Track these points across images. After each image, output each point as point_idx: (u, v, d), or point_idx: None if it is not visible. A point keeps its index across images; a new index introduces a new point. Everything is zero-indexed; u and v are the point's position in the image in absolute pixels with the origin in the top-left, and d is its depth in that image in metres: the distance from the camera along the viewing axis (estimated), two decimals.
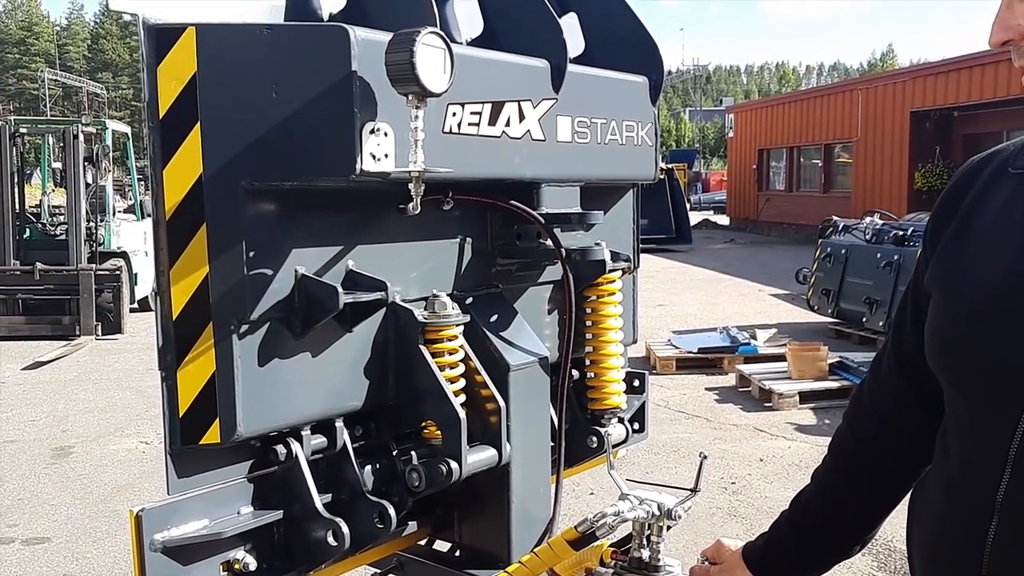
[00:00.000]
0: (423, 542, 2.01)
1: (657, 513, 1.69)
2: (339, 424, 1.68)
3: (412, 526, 1.81)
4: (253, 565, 1.55)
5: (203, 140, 1.45)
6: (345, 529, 1.52)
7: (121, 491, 5.62)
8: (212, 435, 1.49)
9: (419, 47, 1.40)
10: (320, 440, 1.66)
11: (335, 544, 1.53)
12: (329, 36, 1.45)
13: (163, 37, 1.44)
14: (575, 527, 1.69)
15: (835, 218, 11.35)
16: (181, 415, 1.49)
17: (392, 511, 1.56)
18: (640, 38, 2.12)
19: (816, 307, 10.94)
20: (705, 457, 1.69)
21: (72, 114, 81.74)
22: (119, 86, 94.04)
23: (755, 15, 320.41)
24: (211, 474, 1.54)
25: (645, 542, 1.72)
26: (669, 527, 1.72)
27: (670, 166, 24.01)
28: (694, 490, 1.69)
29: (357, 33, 1.44)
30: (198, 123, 1.45)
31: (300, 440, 1.61)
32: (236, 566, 1.53)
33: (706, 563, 1.65)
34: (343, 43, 1.43)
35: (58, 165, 16.76)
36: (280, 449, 1.60)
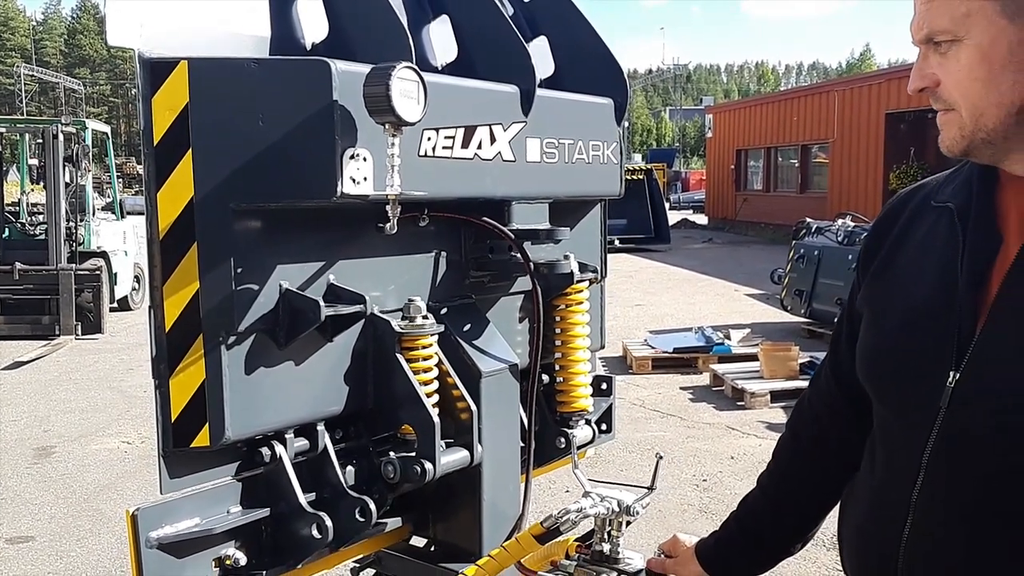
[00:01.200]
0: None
1: (617, 509, 1.81)
2: (320, 428, 1.79)
3: (393, 523, 1.92)
4: (243, 560, 1.66)
5: (194, 165, 1.56)
6: (328, 522, 1.64)
7: (104, 490, 5.69)
8: (202, 439, 1.60)
9: (395, 80, 1.52)
10: (303, 443, 1.77)
11: (319, 537, 1.65)
12: (312, 69, 1.56)
13: (157, 70, 1.55)
14: (541, 523, 1.81)
15: (808, 220, 11.55)
16: (173, 420, 1.60)
17: (373, 506, 1.68)
18: (606, 62, 2.24)
19: (789, 307, 11.13)
20: (661, 457, 1.82)
21: (49, 110, 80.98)
22: (96, 82, 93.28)
23: (736, 14, 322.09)
24: (201, 475, 1.65)
25: (606, 536, 1.85)
26: (628, 522, 1.85)
27: (649, 166, 24.21)
28: (651, 488, 1.82)
29: (338, 66, 1.56)
30: (190, 149, 1.56)
31: (284, 443, 1.73)
32: (227, 562, 1.65)
33: (663, 556, 1.79)
34: (325, 75, 1.55)
35: (34, 162, 16.71)
36: (265, 451, 1.71)
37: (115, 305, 12.09)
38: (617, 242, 21.20)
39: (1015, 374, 1.13)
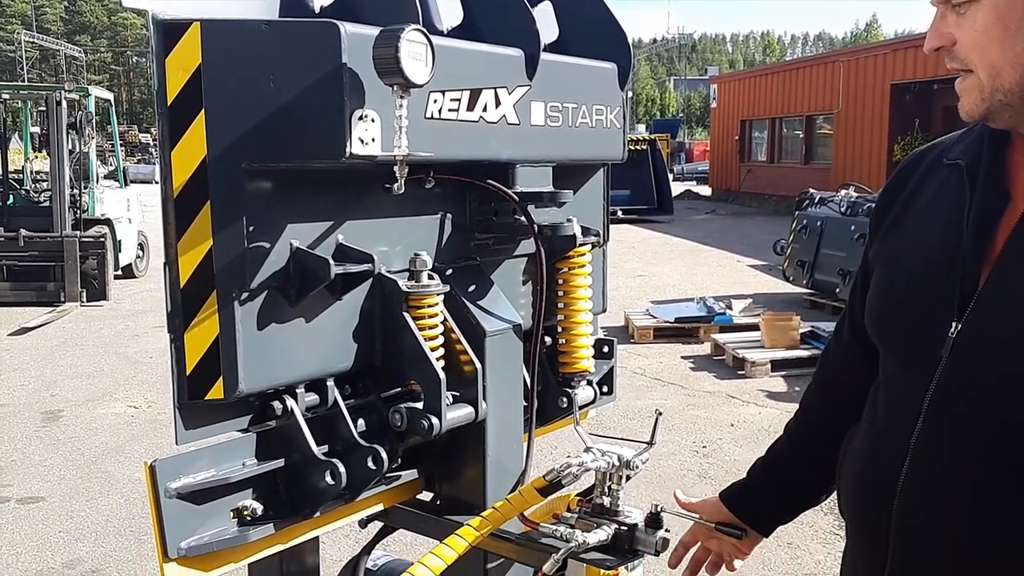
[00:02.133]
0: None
1: (617, 464, 1.87)
2: (330, 383, 1.84)
3: (408, 475, 1.98)
4: (260, 510, 1.72)
5: (207, 125, 1.59)
6: (342, 468, 1.69)
7: (112, 453, 5.78)
8: (216, 391, 1.65)
9: (403, 43, 1.55)
10: (313, 398, 1.82)
11: (333, 484, 1.70)
12: (322, 31, 1.59)
13: (171, 31, 1.58)
14: (543, 476, 1.87)
15: (811, 190, 11.56)
16: (188, 373, 1.65)
17: (384, 454, 1.74)
18: (610, 26, 2.27)
19: (792, 278, 11.18)
20: (660, 413, 1.87)
21: (50, 77, 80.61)
22: (97, 49, 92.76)
23: None
24: (215, 427, 1.71)
25: (607, 490, 1.91)
26: (628, 476, 1.91)
27: (653, 137, 24.13)
28: (650, 443, 1.88)
29: (347, 28, 1.59)
30: (202, 110, 1.59)
31: (295, 397, 1.78)
32: (245, 512, 1.71)
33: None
34: (334, 38, 1.58)
35: (36, 130, 16.70)
36: (277, 405, 1.77)
37: (119, 272, 12.16)
38: (620, 213, 21.19)
39: (1016, 326, 1.17)
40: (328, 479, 1.74)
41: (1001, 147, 1.29)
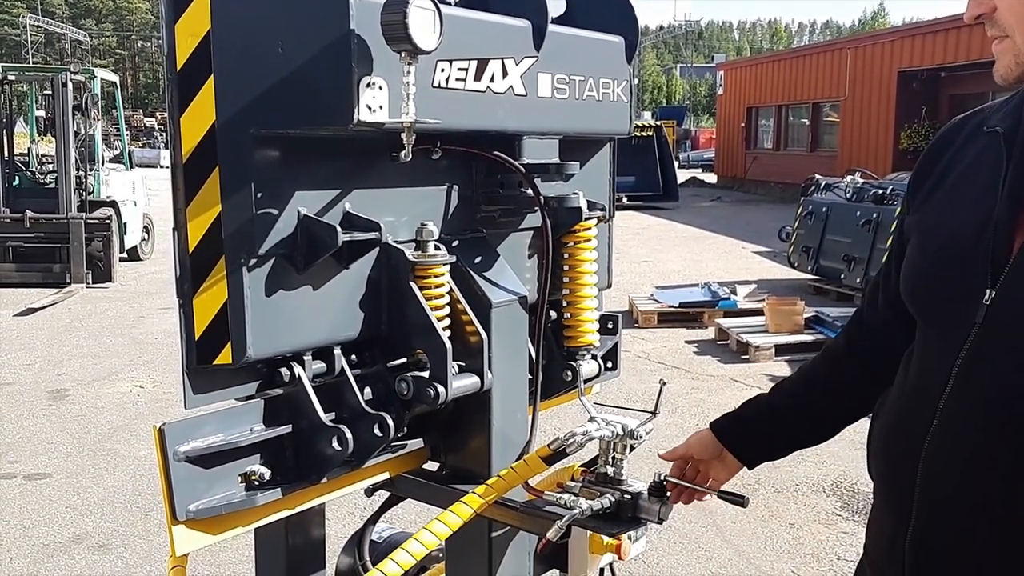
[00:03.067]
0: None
1: (621, 433, 1.89)
2: (337, 351, 1.86)
3: (414, 444, 2.00)
4: (268, 475, 1.74)
5: (216, 91, 1.60)
6: (349, 434, 1.71)
7: (118, 431, 5.82)
8: (224, 356, 1.67)
9: (411, 9, 1.56)
10: (320, 365, 1.84)
11: (340, 449, 1.72)
12: None
13: None
14: (548, 445, 1.89)
15: (817, 176, 11.53)
16: (197, 338, 1.66)
17: (390, 421, 1.75)
18: (617, 0, 2.27)
19: (796, 264, 11.18)
20: (664, 383, 1.89)
21: (55, 61, 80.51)
22: (103, 33, 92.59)
23: None
24: (223, 392, 1.73)
25: (611, 460, 1.93)
26: (632, 447, 1.93)
27: (659, 123, 24.06)
28: (654, 412, 1.90)
29: None
30: (212, 75, 1.60)
31: (303, 364, 1.79)
32: (252, 477, 1.72)
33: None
34: (343, 4, 1.58)
35: (41, 113, 16.71)
36: (285, 372, 1.78)
37: (124, 255, 12.19)
38: (625, 199, 21.16)
39: None
40: (335, 445, 1.75)
41: None
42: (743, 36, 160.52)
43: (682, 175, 29.22)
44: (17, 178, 12.02)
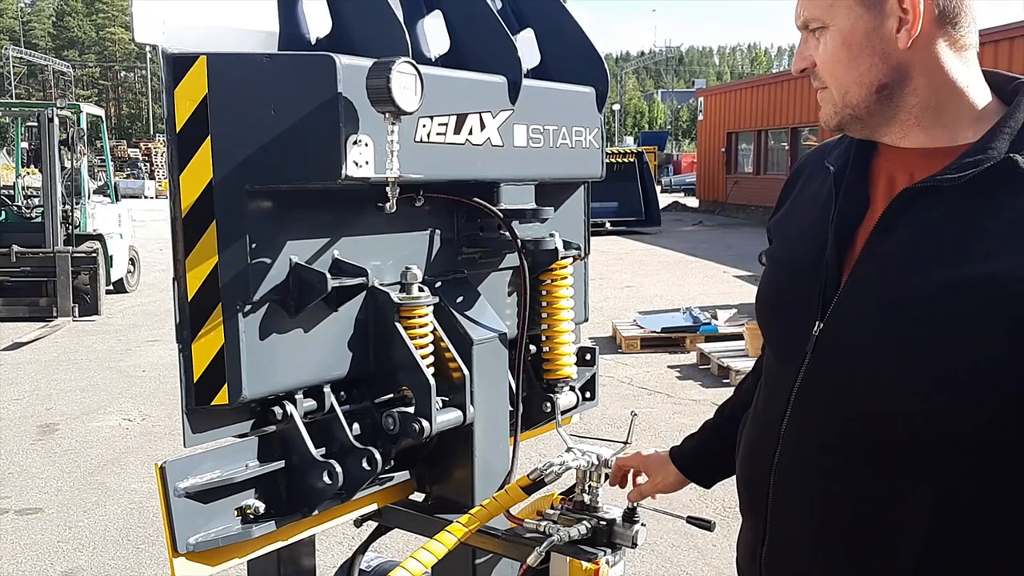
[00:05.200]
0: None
1: (596, 463, 2.01)
2: (327, 390, 1.97)
3: (400, 476, 2.11)
4: (262, 509, 1.84)
5: (213, 150, 1.73)
6: (338, 469, 1.82)
7: (107, 465, 5.87)
8: (221, 397, 1.78)
9: (395, 74, 1.69)
10: (311, 403, 1.95)
11: (330, 483, 1.83)
12: (319, 63, 1.73)
13: (179, 64, 1.71)
14: (527, 475, 2.00)
15: None
16: (195, 380, 1.77)
17: (378, 455, 1.87)
18: (588, 53, 2.41)
19: None
20: (635, 414, 2.01)
21: (37, 92, 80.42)
22: (85, 64, 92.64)
23: None
24: (220, 431, 1.83)
25: (587, 488, 2.04)
26: (607, 475, 2.05)
27: (640, 149, 24.33)
28: (626, 443, 2.02)
29: (342, 60, 1.73)
30: (209, 136, 1.72)
31: (294, 403, 1.90)
32: (248, 511, 1.83)
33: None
34: (330, 69, 1.71)
35: (25, 145, 16.77)
36: (277, 410, 1.89)
37: (111, 287, 12.22)
38: (608, 225, 21.37)
39: (865, 327, 1.29)
40: (326, 479, 1.86)
41: (867, 154, 1.41)
42: (723, 61, 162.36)
43: (664, 199, 29.50)
44: (3, 212, 12.05)
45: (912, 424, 1.27)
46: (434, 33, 2.26)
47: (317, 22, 2.00)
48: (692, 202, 33.05)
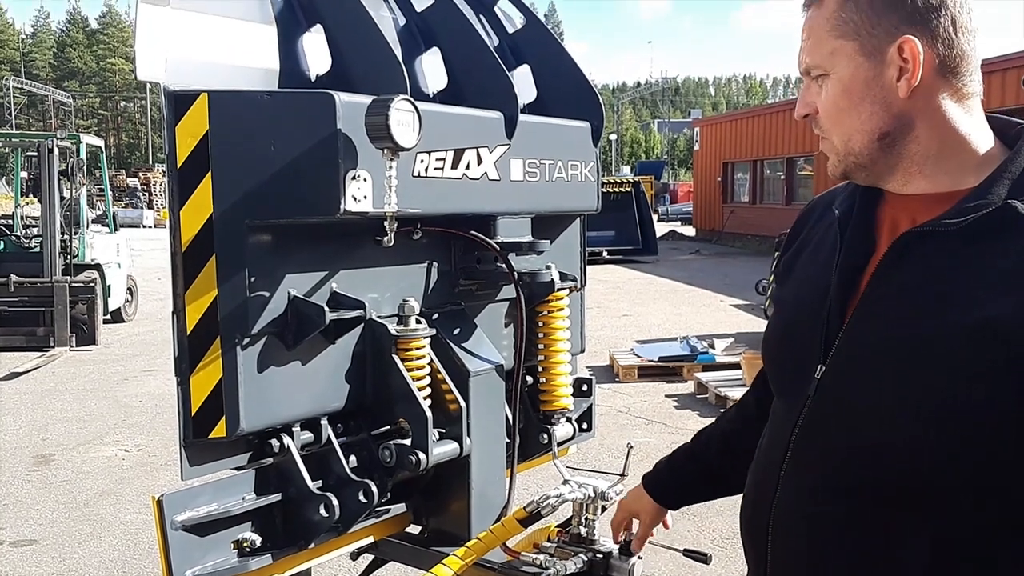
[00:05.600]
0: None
1: (592, 495, 2.01)
2: (324, 422, 1.98)
3: (396, 509, 2.11)
4: (259, 542, 1.84)
5: (213, 186, 1.75)
6: (335, 502, 1.82)
7: (103, 496, 5.84)
8: (219, 430, 1.79)
9: (393, 111, 1.72)
10: (308, 436, 1.96)
11: (327, 516, 1.83)
12: (318, 100, 1.76)
13: (181, 101, 1.74)
14: (523, 507, 2.01)
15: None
16: (193, 413, 1.78)
17: (375, 488, 1.87)
18: (583, 88, 2.45)
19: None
20: (631, 447, 2.02)
21: (37, 122, 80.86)
22: (86, 95, 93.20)
23: (726, 27, 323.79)
24: (217, 463, 1.84)
25: (583, 521, 2.05)
26: (604, 507, 2.05)
27: (636, 179, 24.45)
28: (622, 475, 2.02)
29: (341, 98, 1.76)
30: (209, 172, 1.75)
31: (292, 435, 1.91)
32: (244, 544, 1.83)
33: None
34: (330, 106, 1.75)
35: (24, 175, 16.84)
36: (275, 443, 1.90)
37: (108, 317, 12.21)
38: (606, 253, 21.43)
39: (870, 368, 1.30)
40: (322, 512, 1.87)
41: (873, 200, 1.42)
42: (719, 91, 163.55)
43: (661, 228, 29.60)
44: (2, 242, 12.07)
45: (911, 467, 1.27)
46: (432, 69, 2.30)
47: (317, 59, 2.04)
48: (689, 231, 33.15)
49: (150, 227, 35.19)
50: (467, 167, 2.06)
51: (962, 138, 1.32)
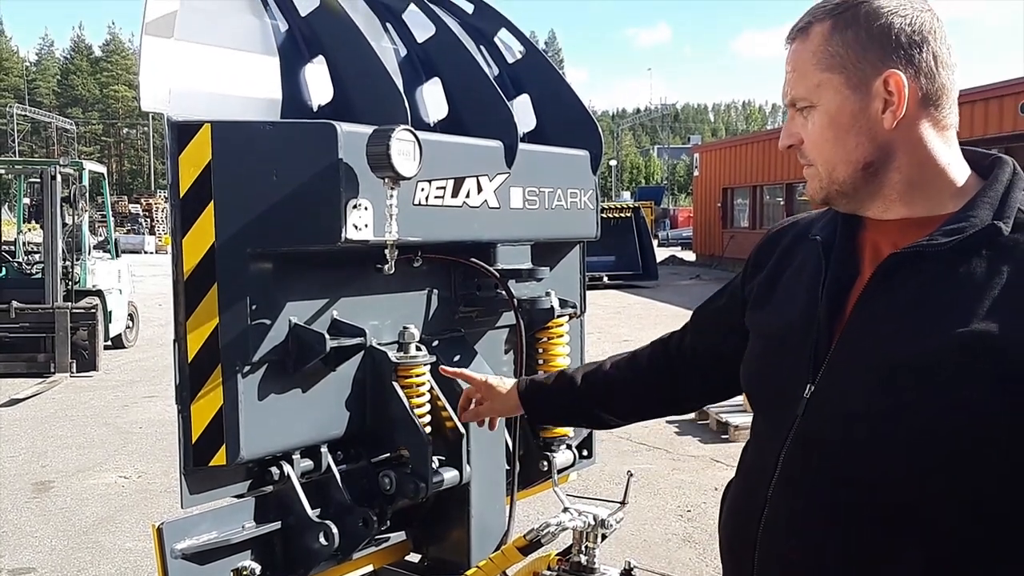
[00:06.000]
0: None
1: (593, 523, 2.01)
2: (324, 449, 1.98)
3: (396, 537, 2.11)
4: (258, 570, 1.84)
5: (216, 215, 1.77)
6: (335, 530, 1.82)
7: (102, 523, 5.81)
8: (219, 458, 1.79)
9: (394, 141, 1.74)
10: (308, 463, 1.96)
11: (327, 544, 1.83)
12: (320, 130, 1.78)
13: (184, 131, 1.76)
14: (523, 535, 2.01)
15: None
16: (194, 442, 1.79)
17: (374, 516, 1.87)
18: (582, 117, 2.47)
19: None
20: (631, 475, 2.02)
21: (40, 149, 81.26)
22: (89, 121, 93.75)
23: (726, 53, 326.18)
24: (217, 491, 1.84)
25: (584, 549, 2.04)
26: (604, 535, 2.05)
27: (637, 204, 24.53)
28: (623, 503, 2.02)
29: (343, 128, 1.78)
30: (212, 201, 1.77)
31: (292, 463, 1.92)
32: (244, 573, 1.82)
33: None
34: (331, 136, 1.77)
35: (27, 201, 16.91)
36: (275, 471, 1.90)
37: (109, 343, 12.20)
38: (606, 278, 21.45)
39: (859, 388, 1.31)
40: (322, 540, 1.86)
41: (853, 226, 1.45)
42: (718, 117, 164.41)
43: (661, 253, 29.64)
44: (4, 269, 12.10)
45: (902, 487, 1.28)
46: (433, 99, 2.32)
47: (319, 89, 2.06)
48: (689, 256, 33.19)
49: (152, 253, 35.26)
50: (467, 195, 2.08)
51: (941, 168, 1.36)
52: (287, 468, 1.91)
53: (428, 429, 2.04)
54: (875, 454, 1.30)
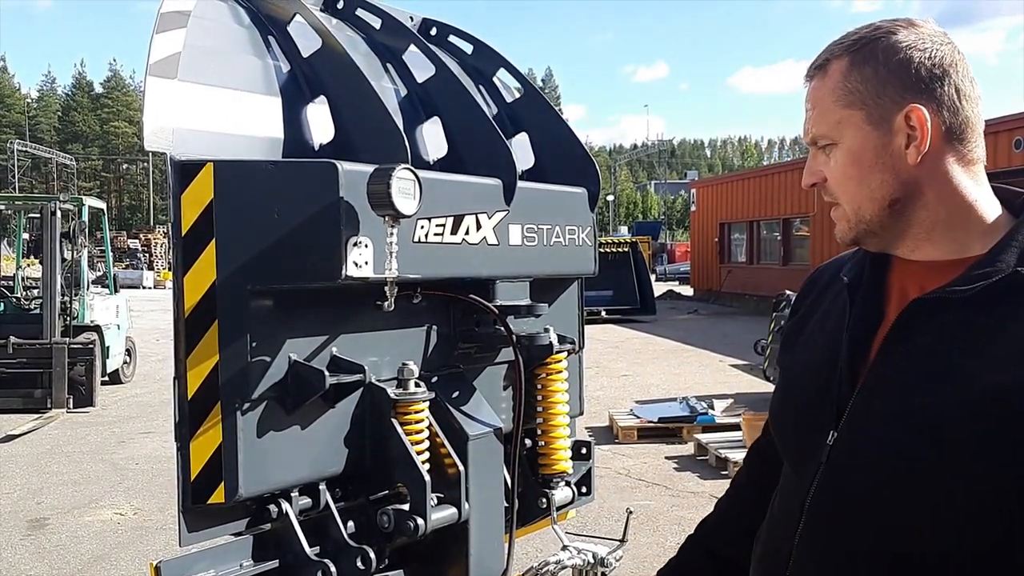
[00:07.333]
0: None
1: (592, 561, 2.01)
2: (322, 487, 1.98)
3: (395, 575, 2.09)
4: None
5: (217, 253, 1.78)
6: (333, 568, 1.81)
7: (98, 561, 5.76)
8: (218, 496, 1.79)
9: (394, 180, 1.76)
10: (306, 500, 1.95)
11: None
12: (321, 169, 1.80)
13: (186, 170, 1.78)
14: (522, 574, 2.00)
15: (787, 292, 11.81)
16: (192, 479, 1.78)
17: (372, 554, 1.86)
18: (580, 156, 2.50)
19: (772, 377, 11.31)
20: (631, 512, 2.02)
21: (40, 185, 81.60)
22: (89, 157, 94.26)
23: (722, 90, 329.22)
24: (215, 529, 1.84)
25: None
26: (604, 574, 2.04)
27: (634, 239, 24.64)
28: (622, 540, 2.02)
29: (344, 167, 1.80)
30: (213, 239, 1.78)
31: (290, 500, 1.91)
32: None
33: None
34: (332, 175, 1.79)
35: (26, 236, 16.96)
36: (273, 508, 1.90)
37: (106, 379, 12.17)
38: (604, 313, 21.47)
39: (880, 435, 1.29)
40: None
41: (882, 266, 1.43)
42: (715, 153, 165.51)
43: (659, 288, 29.70)
44: (2, 304, 12.10)
45: (923, 537, 1.26)
46: (433, 138, 2.35)
47: (320, 129, 2.09)
48: (686, 291, 33.24)
49: (150, 288, 35.27)
50: (466, 232, 2.09)
51: (970, 204, 1.33)
52: (285, 506, 1.91)
53: (427, 466, 2.03)
54: (898, 504, 1.28)
